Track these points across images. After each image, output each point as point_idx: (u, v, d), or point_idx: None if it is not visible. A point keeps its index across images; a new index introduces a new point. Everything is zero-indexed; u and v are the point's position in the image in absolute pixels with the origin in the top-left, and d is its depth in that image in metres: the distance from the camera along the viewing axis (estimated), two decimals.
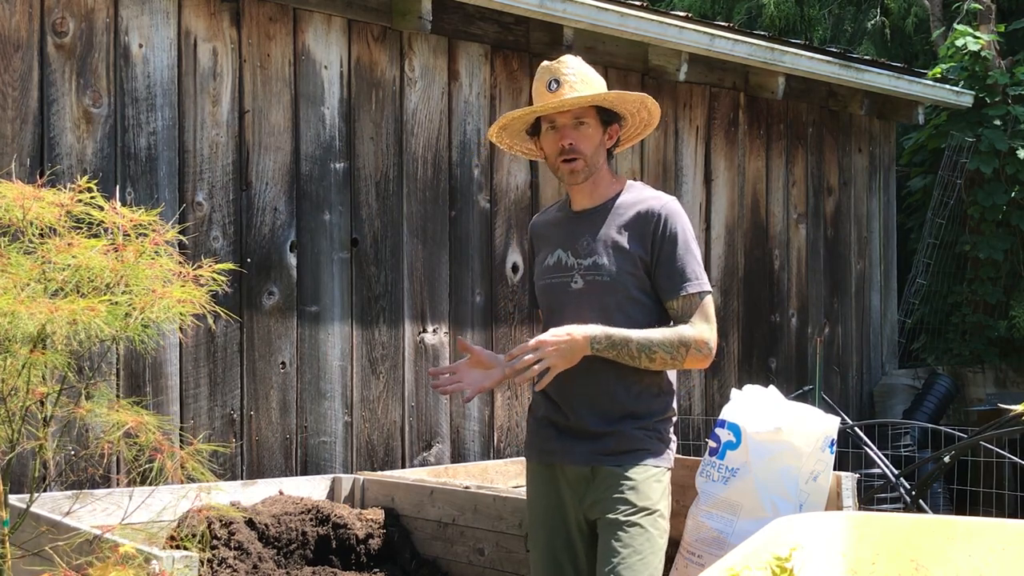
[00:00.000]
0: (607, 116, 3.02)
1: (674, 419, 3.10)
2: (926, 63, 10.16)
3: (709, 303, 2.97)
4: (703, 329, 2.93)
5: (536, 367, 2.83)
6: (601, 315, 2.93)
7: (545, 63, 3.04)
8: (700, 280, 2.96)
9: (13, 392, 2.43)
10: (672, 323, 2.97)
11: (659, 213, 2.96)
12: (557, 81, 2.96)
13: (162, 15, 4.45)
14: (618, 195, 3.05)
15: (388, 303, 5.11)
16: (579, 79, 2.98)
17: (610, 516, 2.89)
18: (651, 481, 2.94)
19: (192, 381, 4.48)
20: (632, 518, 2.88)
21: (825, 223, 7.38)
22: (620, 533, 2.87)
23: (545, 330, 3.02)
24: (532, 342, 2.86)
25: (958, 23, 9.46)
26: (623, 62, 6.08)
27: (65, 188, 2.56)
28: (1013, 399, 6.73)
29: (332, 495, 4.32)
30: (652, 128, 3.18)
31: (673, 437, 3.07)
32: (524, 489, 3.25)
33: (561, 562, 3.00)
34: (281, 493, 4.16)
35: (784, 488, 3.44)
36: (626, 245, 2.96)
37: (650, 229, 2.96)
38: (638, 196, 3.04)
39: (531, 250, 3.22)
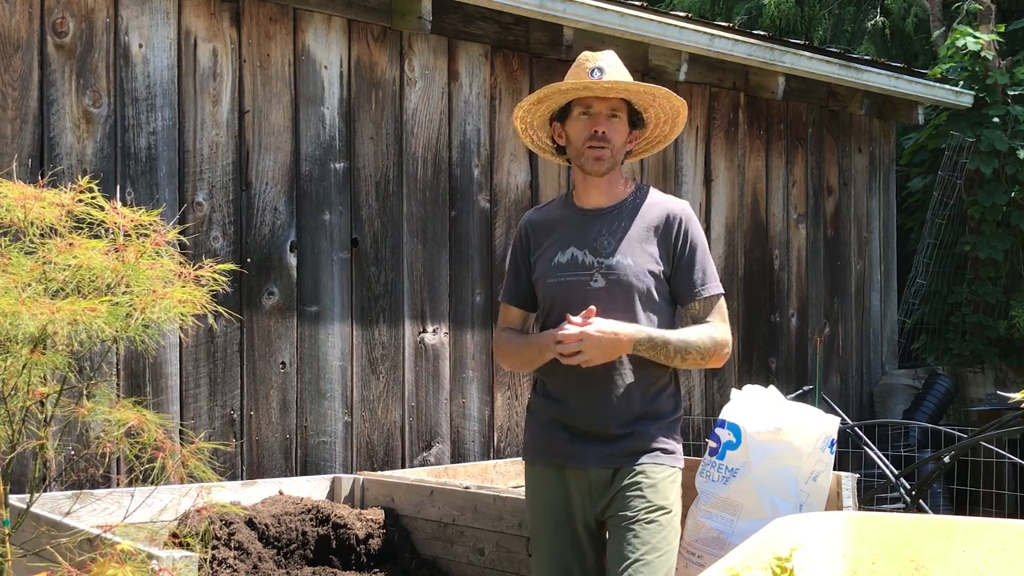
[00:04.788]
0: (634, 119, 3.09)
1: (682, 419, 3.13)
2: (926, 63, 10.16)
3: (724, 304, 3.07)
4: (725, 330, 3.04)
5: (576, 358, 2.88)
6: (625, 315, 2.95)
7: (587, 52, 3.10)
8: (716, 282, 3.05)
9: (13, 392, 2.43)
10: (692, 323, 3.05)
11: (680, 218, 3.04)
12: (601, 70, 3.02)
13: (162, 15, 4.45)
14: (632, 196, 3.09)
15: (388, 303, 5.11)
16: (621, 73, 3.06)
17: (627, 513, 2.90)
18: (668, 481, 2.97)
19: (192, 381, 4.48)
20: (651, 515, 2.89)
21: (825, 223, 7.38)
22: (638, 529, 2.87)
23: (544, 327, 3.04)
24: (576, 331, 2.88)
25: (958, 23, 9.46)
26: (623, 62, 6.07)
27: (66, 188, 2.56)
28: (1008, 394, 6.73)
29: (332, 495, 4.32)
30: (663, 146, 3.24)
31: (681, 437, 3.09)
32: (524, 489, 3.24)
33: (569, 565, 2.98)
34: (281, 493, 4.16)
35: (784, 488, 3.44)
36: (648, 247, 3.00)
37: (672, 233, 3.02)
38: (655, 199, 3.09)
39: (524, 244, 3.16)
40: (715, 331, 3.00)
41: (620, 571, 2.85)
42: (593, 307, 2.90)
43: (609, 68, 3.02)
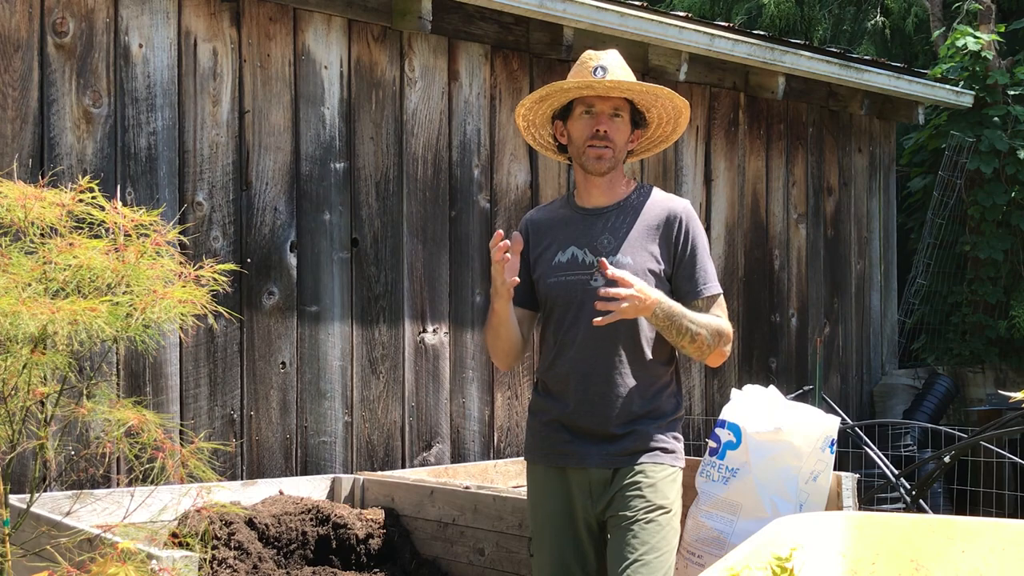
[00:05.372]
0: (636, 118, 3.09)
1: (683, 418, 3.13)
2: (926, 63, 10.16)
3: (724, 303, 3.09)
4: (728, 324, 3.05)
5: (624, 306, 2.79)
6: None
7: (590, 51, 3.09)
8: (716, 281, 3.07)
9: (14, 392, 2.43)
10: None
11: (681, 217, 3.04)
12: (604, 68, 3.01)
13: (162, 15, 4.45)
14: (632, 195, 3.09)
15: (388, 303, 5.11)
16: (624, 73, 3.05)
17: (627, 513, 2.90)
18: (668, 480, 2.97)
19: (192, 381, 4.49)
20: (650, 515, 2.90)
21: (825, 223, 7.38)
22: (637, 529, 2.88)
23: (545, 328, 3.05)
24: (630, 278, 2.80)
25: (958, 23, 9.46)
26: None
27: (66, 188, 2.56)
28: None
29: (332, 495, 4.32)
30: (665, 146, 3.24)
31: (682, 436, 3.09)
32: (524, 489, 3.24)
33: (570, 565, 2.99)
34: (281, 493, 4.16)
35: (784, 488, 3.44)
36: (649, 246, 3.01)
37: (673, 232, 3.03)
38: (656, 198, 3.10)
39: (524, 243, 3.13)
40: (723, 323, 3.01)
41: (619, 572, 2.85)
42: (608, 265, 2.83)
43: (612, 67, 3.02)
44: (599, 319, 2.82)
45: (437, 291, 5.29)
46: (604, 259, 2.87)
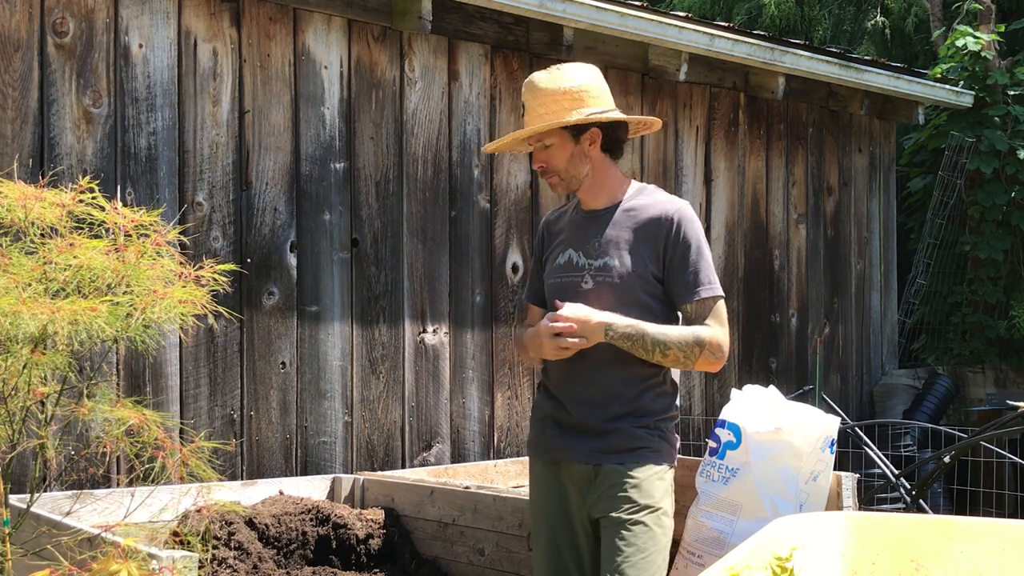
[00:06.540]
0: (578, 128, 3.02)
1: (676, 418, 3.12)
2: (926, 63, 10.16)
3: (722, 307, 3.01)
4: (718, 332, 2.97)
5: (573, 341, 2.90)
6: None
7: (527, 80, 3.06)
8: (713, 285, 2.99)
9: (14, 392, 2.43)
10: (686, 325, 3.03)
11: (673, 218, 2.99)
12: (523, 105, 3.05)
13: (162, 15, 4.45)
14: (631, 197, 3.08)
15: (388, 303, 5.11)
16: (539, 103, 3.00)
17: (613, 515, 2.91)
18: (653, 479, 2.96)
19: (192, 381, 4.49)
20: (635, 516, 2.90)
21: (825, 223, 7.38)
22: (623, 531, 2.89)
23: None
24: (560, 325, 2.92)
25: (958, 23, 9.46)
26: (623, 62, 6.08)
27: (66, 188, 2.56)
28: (1016, 398, 6.74)
29: (332, 495, 4.32)
30: (656, 126, 3.19)
31: (676, 436, 3.09)
32: (524, 489, 3.25)
33: (565, 561, 3.01)
34: (281, 493, 4.17)
35: (784, 488, 3.44)
36: (638, 248, 2.99)
37: (663, 234, 2.99)
38: (651, 200, 3.06)
39: (540, 245, 3.23)
40: (703, 331, 2.94)
41: (606, 574, 2.87)
42: (559, 301, 2.98)
43: (529, 104, 3.02)
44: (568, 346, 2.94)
45: (437, 291, 5.29)
46: (558, 301, 2.98)
